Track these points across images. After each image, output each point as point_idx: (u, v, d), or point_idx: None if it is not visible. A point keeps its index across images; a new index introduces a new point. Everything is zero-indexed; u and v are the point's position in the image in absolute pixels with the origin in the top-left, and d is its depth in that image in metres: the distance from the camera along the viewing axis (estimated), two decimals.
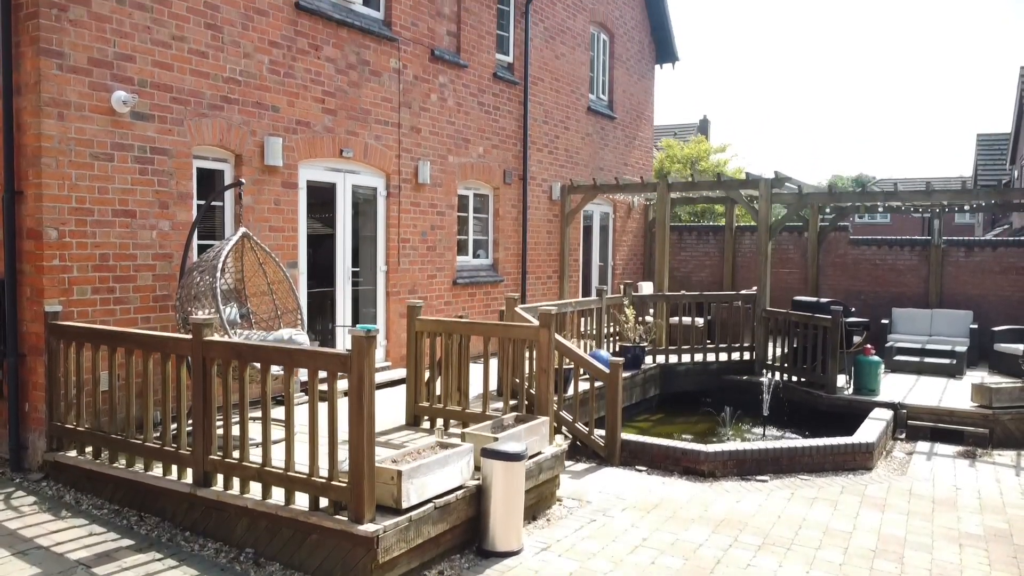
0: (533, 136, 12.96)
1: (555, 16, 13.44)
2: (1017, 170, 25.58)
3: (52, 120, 6.43)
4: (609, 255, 15.83)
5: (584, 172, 14.57)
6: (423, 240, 10.61)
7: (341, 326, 9.47)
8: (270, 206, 8.35)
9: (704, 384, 11.95)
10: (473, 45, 11.42)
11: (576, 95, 14.19)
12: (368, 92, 9.57)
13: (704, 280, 16.71)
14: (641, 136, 16.79)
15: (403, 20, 10.08)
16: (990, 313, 13.89)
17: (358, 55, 9.39)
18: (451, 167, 11.09)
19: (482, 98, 11.68)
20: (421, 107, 10.46)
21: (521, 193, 12.72)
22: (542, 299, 13.49)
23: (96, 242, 6.78)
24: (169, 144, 7.32)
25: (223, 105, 7.80)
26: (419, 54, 10.38)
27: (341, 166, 9.37)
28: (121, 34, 6.89)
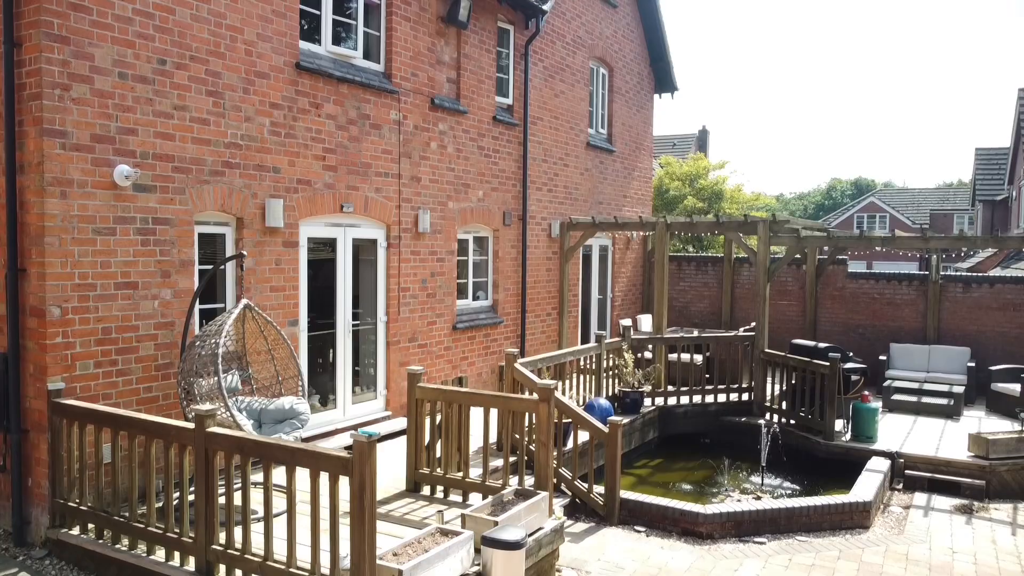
0: (532, 175, 13.02)
1: (555, 55, 13.49)
2: (1015, 190, 25.64)
3: (55, 199, 6.48)
4: (608, 287, 15.88)
5: (583, 207, 14.63)
6: (423, 288, 10.67)
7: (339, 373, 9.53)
8: (271, 267, 8.40)
9: (703, 426, 12.01)
10: (473, 90, 11.48)
11: (575, 131, 14.25)
12: (368, 145, 9.62)
13: (703, 311, 16.77)
14: (640, 167, 16.84)
15: (403, 72, 10.13)
16: (988, 349, 13.95)
17: (358, 110, 9.45)
18: (451, 213, 11.15)
19: (481, 142, 11.73)
20: (421, 156, 10.52)
21: (520, 233, 12.77)
22: (541, 337, 13.55)
23: (99, 316, 6.83)
24: (171, 213, 7.37)
25: (224, 170, 7.86)
26: (419, 104, 10.43)
27: (342, 220, 9.42)
28: (123, 108, 6.94)
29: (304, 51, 8.80)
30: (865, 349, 14.94)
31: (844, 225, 48.67)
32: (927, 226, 44.08)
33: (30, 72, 6.44)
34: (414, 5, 10.25)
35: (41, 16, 6.35)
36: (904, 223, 47.11)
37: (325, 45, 9.16)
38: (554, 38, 13.44)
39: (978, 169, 36.11)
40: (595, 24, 14.68)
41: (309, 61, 8.75)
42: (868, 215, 47.99)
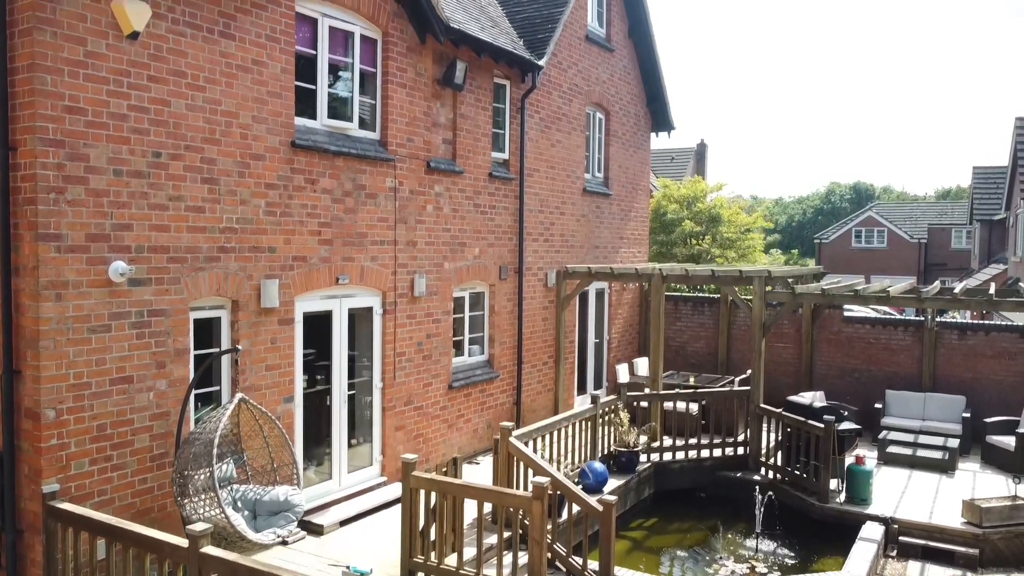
0: (528, 227, 13.04)
1: (551, 105, 13.52)
2: (1012, 216, 25.68)
3: (50, 303, 6.51)
4: (605, 329, 15.90)
5: (580, 253, 14.66)
6: (419, 350, 10.69)
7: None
8: (266, 346, 8.42)
9: (698, 481, 12.04)
10: (469, 149, 11.50)
11: (572, 179, 14.28)
12: (364, 215, 9.65)
13: (700, 350, 16.80)
14: (637, 207, 16.87)
15: (399, 138, 10.16)
16: (983, 396, 13.97)
17: (354, 181, 9.47)
18: (447, 274, 11.17)
19: (477, 199, 11.76)
20: (417, 220, 10.54)
21: (516, 286, 12.80)
22: (537, 386, 13.57)
23: (93, 414, 6.86)
24: (166, 304, 7.40)
25: (219, 255, 7.88)
26: (415, 168, 10.46)
27: (337, 292, 9.45)
28: (118, 204, 6.97)
29: (300, 128, 8.82)
30: (861, 393, 14.97)
31: (842, 239, 48.75)
32: (925, 240, 43.48)
33: (25, 177, 6.47)
34: (410, 71, 10.27)
35: (36, 122, 6.38)
36: (902, 237, 47.19)
37: (321, 119, 9.18)
38: (550, 88, 13.47)
39: (976, 187, 36.17)
40: (591, 70, 14.71)
41: (304, 138, 8.78)
42: (866, 229, 48.03)
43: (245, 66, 8.04)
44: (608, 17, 15.35)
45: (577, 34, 14.18)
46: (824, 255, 49.18)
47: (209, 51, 7.68)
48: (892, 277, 47.47)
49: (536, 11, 13.31)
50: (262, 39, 8.22)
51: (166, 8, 7.28)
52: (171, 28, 7.33)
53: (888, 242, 47.42)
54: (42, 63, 6.39)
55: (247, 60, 8.06)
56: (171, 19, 7.33)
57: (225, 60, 7.84)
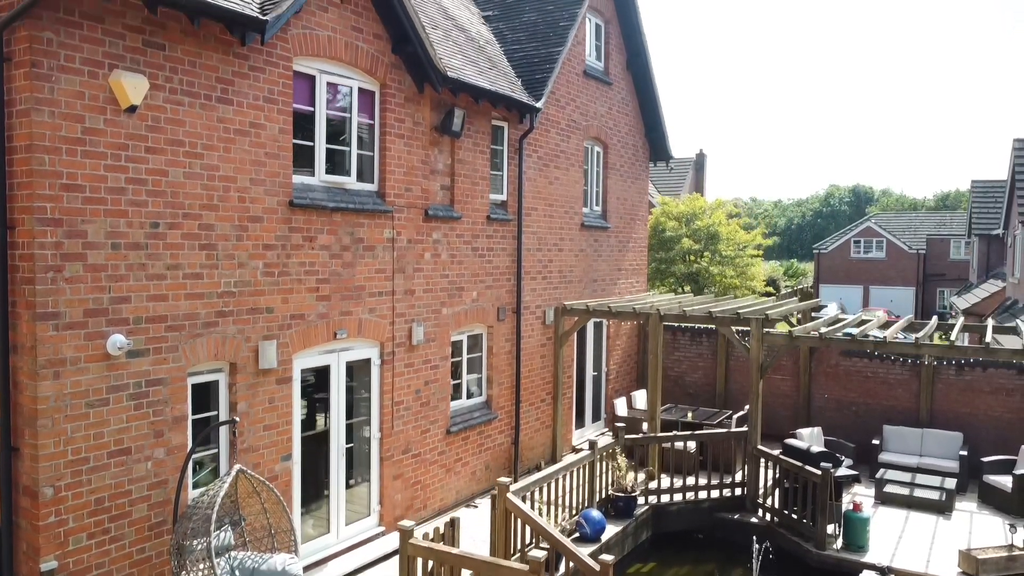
0: (527, 266, 13.06)
1: (549, 143, 13.54)
2: (1010, 237, 25.70)
3: (48, 381, 6.52)
4: (603, 361, 15.92)
5: (578, 288, 14.68)
6: (417, 398, 10.71)
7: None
8: (264, 406, 8.44)
9: (696, 523, 12.05)
10: (467, 194, 11.52)
11: (570, 214, 14.30)
12: (362, 268, 9.67)
13: (698, 381, 16.82)
14: (635, 237, 16.89)
15: (397, 189, 10.17)
16: (980, 432, 14.00)
17: (352, 235, 9.49)
18: (445, 319, 11.19)
19: (475, 243, 11.78)
20: (415, 268, 10.56)
21: (515, 326, 12.82)
22: (536, 424, 13.59)
23: (92, 488, 6.87)
24: (164, 373, 7.42)
25: (218, 320, 7.90)
26: (413, 217, 10.48)
27: (335, 347, 9.46)
28: (116, 278, 6.99)
29: (297, 186, 8.84)
30: (858, 426, 15.00)
31: (841, 249, 48.80)
32: (924, 251, 43.65)
33: (23, 256, 6.49)
34: (408, 121, 10.29)
35: (34, 202, 6.40)
36: (901, 248, 47.24)
37: (319, 175, 9.20)
38: (548, 127, 13.49)
39: (974, 202, 36.21)
40: (590, 105, 14.73)
41: (302, 196, 8.79)
42: (865, 239, 48.09)
43: (243, 130, 8.06)
44: (606, 50, 15.37)
45: (575, 70, 14.20)
46: (823, 265, 49.25)
47: (207, 118, 7.70)
48: (891, 288, 47.62)
49: (534, 50, 13.33)
50: (260, 101, 8.24)
51: (164, 79, 7.30)
52: (169, 98, 7.35)
53: (887, 252, 47.49)
54: (40, 143, 6.41)
55: (245, 124, 8.08)
56: (169, 89, 7.35)
57: (223, 125, 7.86)
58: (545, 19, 13.73)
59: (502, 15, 14.39)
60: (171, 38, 7.33)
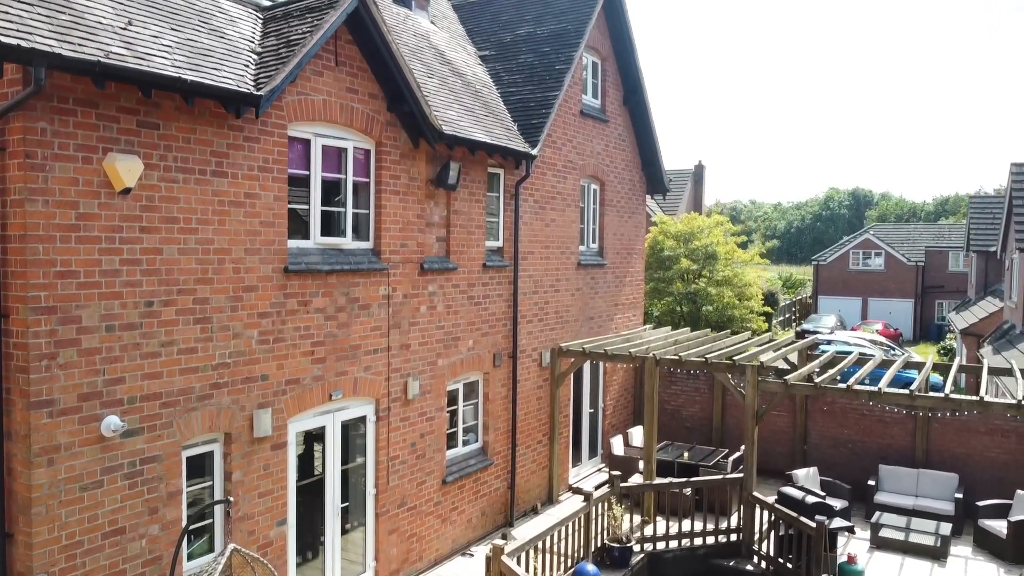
0: (523, 310, 13.08)
1: (545, 186, 13.55)
2: (1008, 260, 25.72)
3: (42, 469, 6.54)
4: (600, 397, 15.94)
5: (575, 327, 14.70)
6: (412, 451, 10.73)
7: None
8: (259, 473, 8.46)
9: (691, 570, 12.05)
10: (462, 243, 11.54)
11: (566, 255, 14.31)
12: (358, 327, 9.68)
13: (695, 415, 16.83)
14: (632, 272, 16.91)
15: (392, 245, 10.19)
16: (976, 473, 14.01)
17: (347, 295, 9.51)
18: (440, 370, 11.21)
19: (471, 292, 11.80)
20: (410, 323, 10.58)
21: (511, 371, 12.84)
22: (532, 466, 13.60)
23: (86, 571, 6.89)
24: (159, 450, 7.43)
25: (212, 392, 7.92)
26: (409, 272, 10.50)
27: (331, 407, 9.48)
28: (111, 360, 7.00)
29: (292, 251, 8.85)
30: (854, 464, 15.02)
31: (840, 261, 48.79)
32: (922, 263, 43.55)
33: (17, 345, 6.51)
34: (403, 177, 10.31)
35: (28, 292, 6.42)
36: (900, 260, 47.23)
37: (314, 238, 9.22)
38: (544, 169, 13.51)
39: (972, 218, 36.22)
40: (586, 144, 14.75)
41: (297, 261, 8.80)
42: (864, 251, 48.07)
43: (238, 201, 8.08)
44: (603, 87, 15.38)
45: (571, 110, 14.22)
46: (822, 276, 49.23)
47: (201, 192, 7.72)
48: (890, 300, 47.62)
49: (530, 93, 13.34)
50: (255, 171, 8.25)
51: (158, 157, 7.32)
52: (163, 176, 7.37)
53: (886, 264, 47.46)
54: (34, 233, 6.43)
55: (240, 195, 8.10)
56: (163, 167, 7.37)
57: (217, 199, 7.88)
58: (541, 61, 13.75)
59: (499, 55, 14.40)
60: (165, 116, 7.35)
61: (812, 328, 43.16)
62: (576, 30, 13.89)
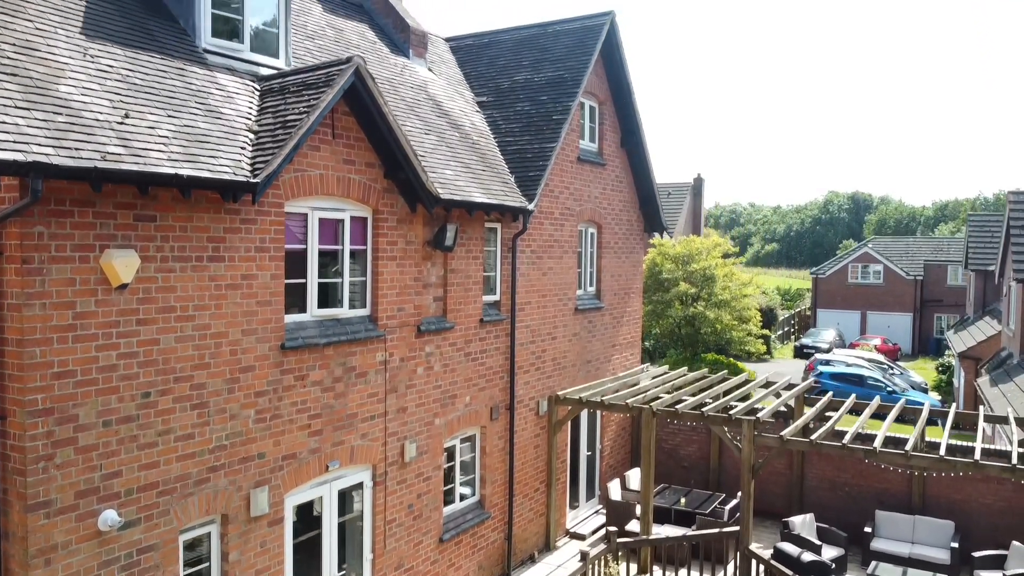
0: (519, 360, 13.12)
1: (542, 235, 13.58)
2: (1005, 287, 25.74)
3: (40, 570, 6.57)
4: (597, 439, 15.98)
5: (572, 372, 14.74)
6: (409, 513, 10.76)
7: None
8: (256, 551, 8.49)
9: None
10: (459, 301, 11.57)
11: (563, 301, 14.35)
12: (354, 396, 9.72)
13: (692, 455, 16.87)
14: (630, 311, 16.94)
15: (389, 311, 10.22)
16: (972, 520, 14.05)
17: (344, 365, 9.54)
18: (437, 430, 11.24)
19: (468, 348, 11.83)
20: (407, 386, 10.61)
21: (508, 423, 12.87)
22: (529, 514, 13.64)
23: None
24: (156, 538, 7.46)
25: (209, 476, 7.95)
26: (405, 335, 10.53)
27: (328, 478, 9.51)
28: (108, 454, 7.03)
29: (289, 326, 8.88)
30: (851, 508, 15.06)
31: (839, 275, 48.84)
32: (921, 277, 43.72)
33: (14, 447, 6.54)
34: (400, 242, 10.34)
35: (26, 396, 6.45)
36: (899, 274, 47.28)
37: (311, 311, 9.24)
38: (542, 219, 13.54)
39: (970, 236, 36.22)
40: (583, 189, 14.79)
41: (294, 337, 8.84)
42: (863, 265, 48.13)
43: (235, 284, 8.11)
44: (600, 131, 15.42)
45: (569, 158, 14.25)
46: (820, 290, 49.29)
47: (198, 279, 7.75)
48: (888, 313, 47.65)
49: (528, 143, 13.37)
50: (252, 252, 8.29)
51: (155, 249, 7.35)
52: (160, 267, 7.41)
53: (884, 278, 47.53)
54: (31, 337, 6.46)
55: (237, 277, 8.13)
56: (160, 258, 7.40)
57: (214, 284, 7.91)
58: (539, 110, 13.78)
59: (496, 102, 14.43)
60: (162, 207, 7.38)
61: (811, 343, 43.23)
62: (573, 79, 13.92)
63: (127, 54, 8.15)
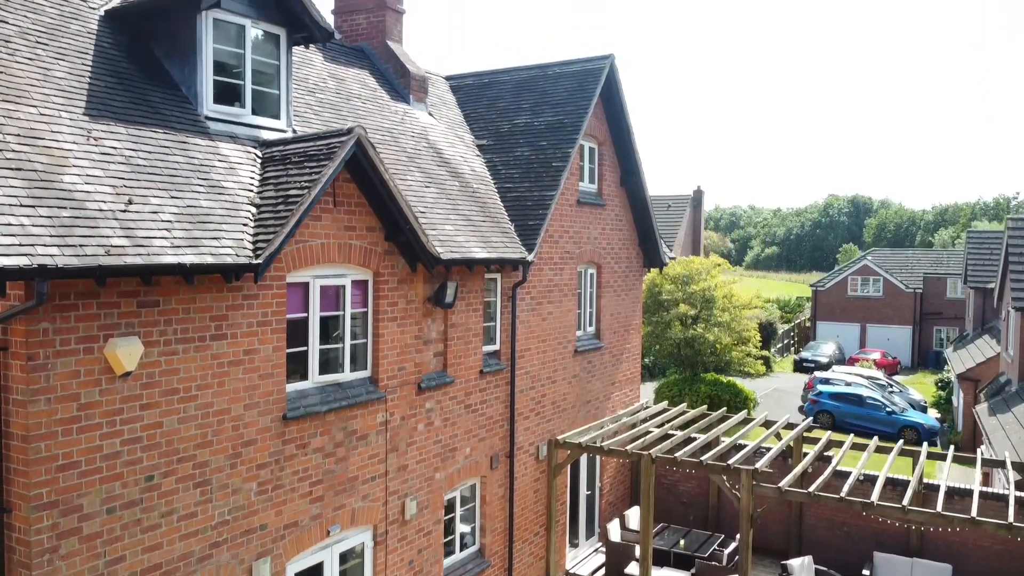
0: (520, 407, 13.19)
1: (542, 281, 13.65)
2: (1004, 312, 25.82)
3: None
4: (597, 478, 16.04)
5: (571, 414, 14.81)
6: (410, 568, 10.83)
7: None
8: None
9: None
10: (460, 355, 11.64)
11: (563, 343, 14.42)
12: (355, 459, 9.79)
13: (691, 491, 16.94)
14: (629, 347, 17.01)
15: (390, 371, 10.29)
16: (969, 564, 14.12)
17: (345, 429, 9.61)
18: (438, 484, 11.31)
19: (468, 400, 11.90)
20: (408, 443, 10.68)
21: (508, 470, 12.94)
22: (529, 559, 13.71)
23: None
24: None
25: (212, 552, 8.02)
26: (406, 394, 10.60)
27: (329, 542, 9.58)
28: (112, 540, 7.11)
29: (291, 395, 8.94)
30: (849, 547, 15.15)
31: (838, 287, 48.92)
32: (920, 290, 43.78)
33: (19, 540, 6.61)
34: (401, 303, 10.41)
35: (31, 490, 6.52)
36: (898, 287, 47.36)
37: (312, 378, 9.31)
38: (541, 264, 13.61)
39: (970, 252, 36.32)
40: (583, 231, 14.85)
41: (296, 407, 8.90)
42: (862, 278, 48.21)
43: (237, 360, 8.18)
44: (600, 172, 15.49)
45: (569, 202, 14.32)
46: (820, 302, 49.38)
47: (201, 359, 7.82)
48: (888, 326, 47.72)
49: (527, 190, 13.43)
50: (254, 326, 8.36)
51: (158, 333, 7.42)
52: (163, 351, 7.48)
53: (884, 291, 47.62)
54: (36, 432, 6.53)
55: (239, 353, 8.20)
56: (163, 342, 7.47)
57: (217, 362, 7.98)
58: (538, 156, 13.83)
59: (496, 146, 14.49)
60: (165, 292, 7.45)
61: (810, 357, 43.35)
62: (573, 124, 13.98)
63: (130, 132, 8.22)
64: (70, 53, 8.57)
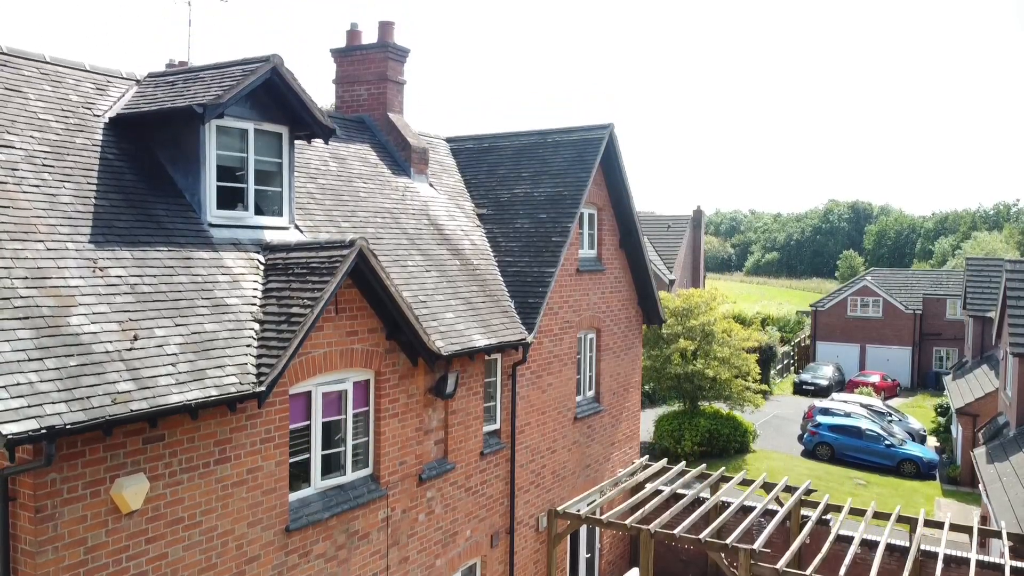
0: (520, 481, 13.30)
1: (542, 354, 13.76)
2: (1001, 351, 25.92)
3: None
4: (596, 539, 16.15)
5: (571, 481, 14.92)
6: None
7: None
8: None
9: None
10: (460, 439, 11.75)
11: (563, 412, 14.53)
12: (357, 559, 9.90)
13: (690, 549, 17.03)
14: (628, 405, 17.12)
15: (391, 467, 10.40)
16: None
17: (347, 531, 9.72)
18: (439, 570, 11.42)
19: (469, 484, 12.01)
20: (409, 535, 10.79)
21: (508, 547, 13.05)
22: None
23: None
24: None
25: None
26: (407, 487, 10.71)
27: None
28: None
29: (293, 505, 9.03)
30: None
31: (837, 308, 49.01)
32: (920, 311, 43.70)
33: None
34: (402, 399, 10.52)
35: None
36: (897, 308, 47.44)
37: (314, 484, 9.42)
38: (541, 338, 13.72)
39: (969, 280, 36.39)
40: (583, 299, 14.97)
41: (298, 517, 9.00)
42: (862, 298, 48.29)
43: (240, 480, 8.29)
44: (599, 237, 15.60)
45: (568, 272, 14.43)
46: (820, 322, 49.46)
47: (205, 484, 7.93)
48: (888, 347, 47.82)
49: (527, 265, 13.53)
50: (257, 444, 8.47)
51: (163, 466, 7.53)
52: (168, 483, 7.59)
53: (883, 312, 47.69)
54: None
55: (242, 473, 8.31)
56: (168, 474, 7.58)
57: (220, 485, 8.09)
58: (538, 229, 13.94)
59: (496, 216, 14.60)
60: (170, 426, 7.56)
61: (810, 379, 43.41)
62: (572, 196, 14.09)
63: (135, 255, 8.33)
64: (76, 173, 8.69)
